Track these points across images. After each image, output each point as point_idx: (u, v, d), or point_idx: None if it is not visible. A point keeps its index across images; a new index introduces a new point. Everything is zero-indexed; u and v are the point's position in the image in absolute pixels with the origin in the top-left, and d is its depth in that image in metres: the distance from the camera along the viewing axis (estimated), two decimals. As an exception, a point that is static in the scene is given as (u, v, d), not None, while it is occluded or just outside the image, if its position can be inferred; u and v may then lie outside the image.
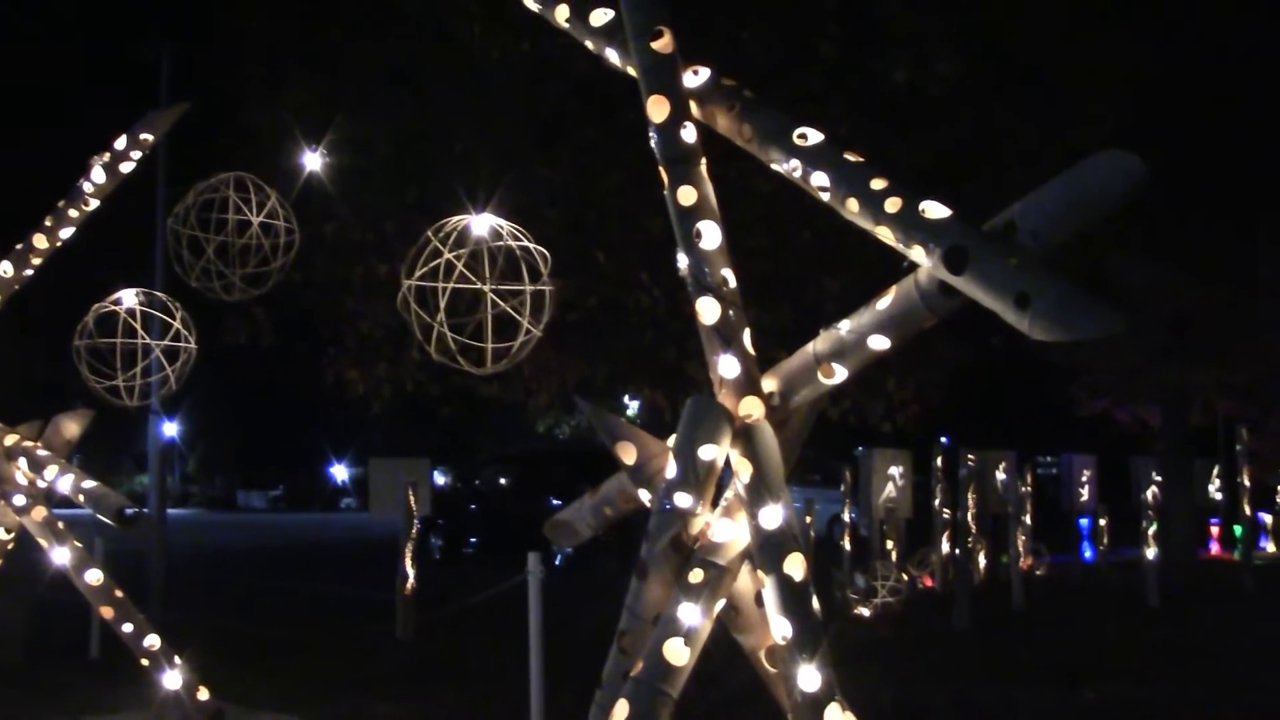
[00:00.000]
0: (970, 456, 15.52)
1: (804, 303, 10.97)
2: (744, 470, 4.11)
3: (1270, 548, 23.09)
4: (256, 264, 6.95)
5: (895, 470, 18.59)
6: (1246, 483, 20.88)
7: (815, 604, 4.01)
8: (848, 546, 16.46)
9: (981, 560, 17.52)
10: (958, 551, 14.41)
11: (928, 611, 13.78)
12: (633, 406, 26.60)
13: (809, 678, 3.93)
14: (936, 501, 17.15)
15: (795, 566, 4.00)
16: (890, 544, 16.58)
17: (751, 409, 4.16)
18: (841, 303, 3.71)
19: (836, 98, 10.76)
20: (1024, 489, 18.95)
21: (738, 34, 10.54)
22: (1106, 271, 18.98)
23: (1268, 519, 23.65)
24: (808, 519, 17.46)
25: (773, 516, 4.02)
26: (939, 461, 17.57)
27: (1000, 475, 18.86)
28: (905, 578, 15.27)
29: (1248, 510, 20.51)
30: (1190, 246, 18.46)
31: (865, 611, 13.46)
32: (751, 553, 4.12)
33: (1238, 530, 20.30)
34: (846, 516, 17.32)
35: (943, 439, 20.27)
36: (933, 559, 16.93)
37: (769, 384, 4.25)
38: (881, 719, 7.91)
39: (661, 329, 11.21)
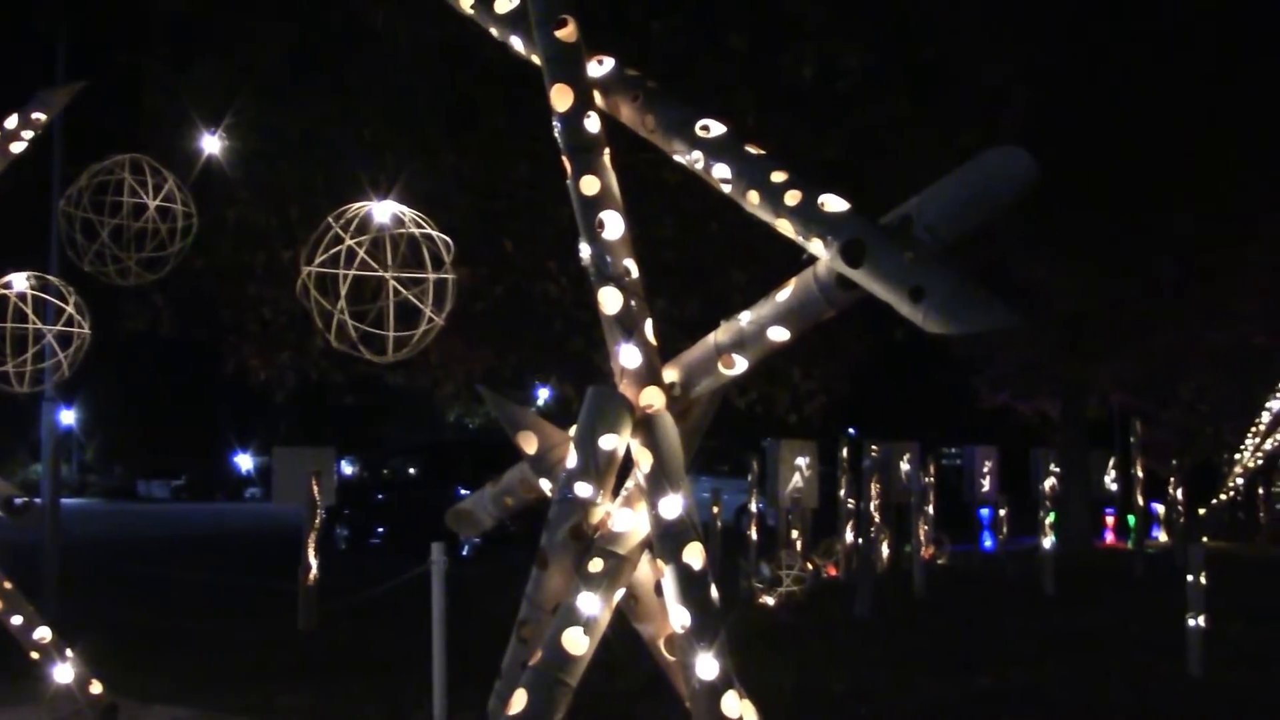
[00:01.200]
0: (874, 447, 15.74)
1: (711, 294, 11.04)
2: (644, 460, 4.12)
3: (1162, 537, 23.75)
4: (153, 248, 6.80)
5: (802, 461, 18.78)
6: (1140, 473, 21.49)
7: (714, 593, 4.04)
8: (754, 536, 16.59)
9: (884, 550, 17.79)
10: (861, 541, 14.61)
11: (831, 600, 13.96)
12: (544, 396, 26.57)
13: (707, 666, 3.95)
14: (841, 492, 17.36)
15: (694, 556, 4.02)
16: (795, 533, 16.74)
17: (652, 399, 4.17)
18: (749, 294, 3.76)
19: (745, 90, 10.83)
20: (927, 480, 19.25)
21: (647, 24, 10.55)
22: (1008, 267, 19.41)
23: (1160, 509, 24.32)
24: (715, 509, 17.60)
25: (672, 506, 4.04)
26: (844, 452, 17.79)
27: (904, 466, 19.18)
28: (810, 567, 15.45)
29: (1141, 500, 21.11)
30: (1089, 245, 18.93)
31: (770, 600, 13.59)
32: (651, 542, 4.14)
33: (1131, 520, 20.85)
34: (753, 506, 17.45)
35: (849, 430, 20.56)
36: (837, 548, 17.14)
37: (670, 374, 4.26)
38: (783, 706, 7.99)
39: (570, 319, 11.20)
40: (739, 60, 10.92)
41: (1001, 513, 19.78)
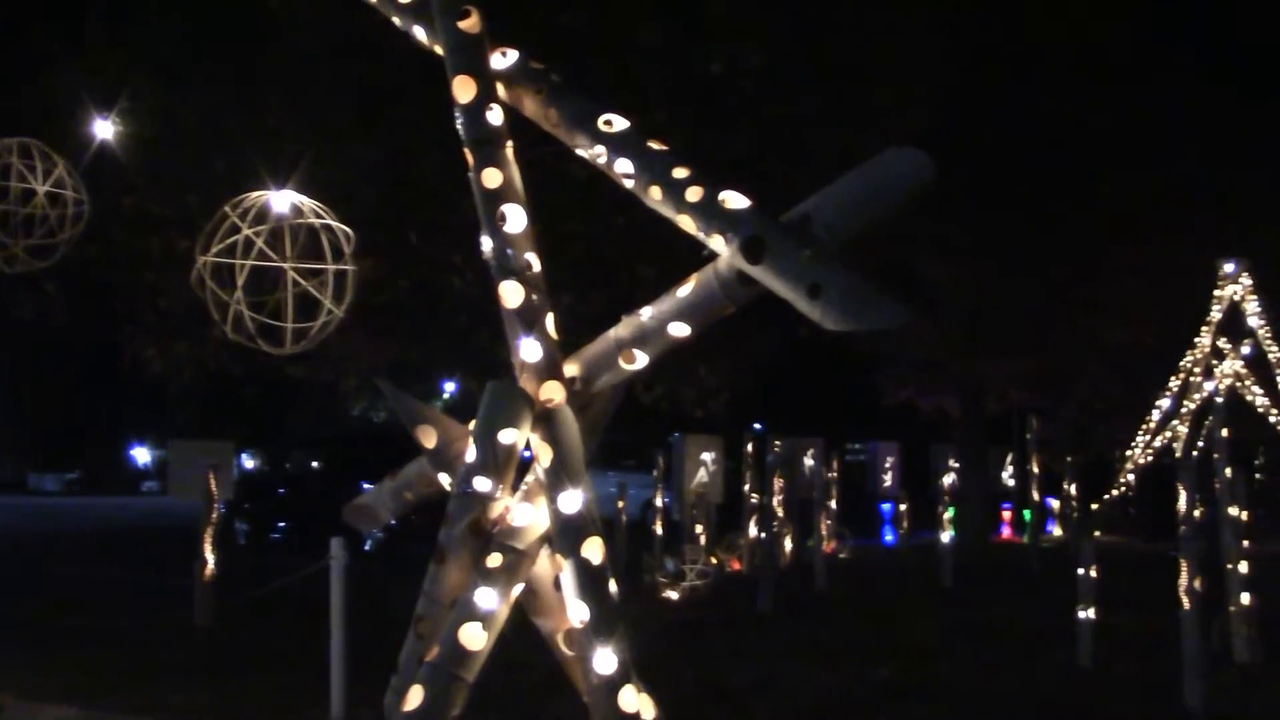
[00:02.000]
0: (777, 443, 15.88)
1: (618, 289, 11.04)
2: (544, 455, 4.11)
3: (1057, 531, 24.31)
4: (42, 235, 6.60)
5: (707, 456, 18.90)
6: (1036, 469, 22.00)
7: (613, 588, 4.05)
8: (659, 531, 16.66)
9: (788, 544, 17.97)
10: (764, 536, 14.74)
11: (734, 594, 14.06)
12: (450, 390, 26.37)
13: (605, 660, 3.96)
14: (746, 486, 17.51)
15: (593, 550, 4.03)
16: (700, 528, 16.85)
17: (553, 393, 4.16)
18: (656, 290, 3.77)
19: (654, 86, 10.86)
20: (830, 475, 19.52)
21: (554, 17, 10.52)
22: (911, 267, 19.74)
23: (1055, 504, 24.90)
24: (620, 504, 17.65)
25: (572, 501, 4.04)
26: (749, 448, 17.94)
27: (808, 461, 19.43)
28: (713, 561, 15.56)
29: (1036, 496, 21.61)
30: (988, 245, 19.33)
31: (674, 594, 13.66)
32: (550, 537, 4.14)
33: (1027, 515, 21.32)
34: (659, 501, 17.52)
35: (755, 426, 20.72)
36: (740, 543, 17.28)
37: (571, 369, 4.26)
38: (684, 699, 8.04)
39: (476, 312, 11.12)
40: (648, 56, 10.94)
41: (902, 508, 20.12)
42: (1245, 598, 10.25)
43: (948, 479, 20.61)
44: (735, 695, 8.57)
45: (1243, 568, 10.31)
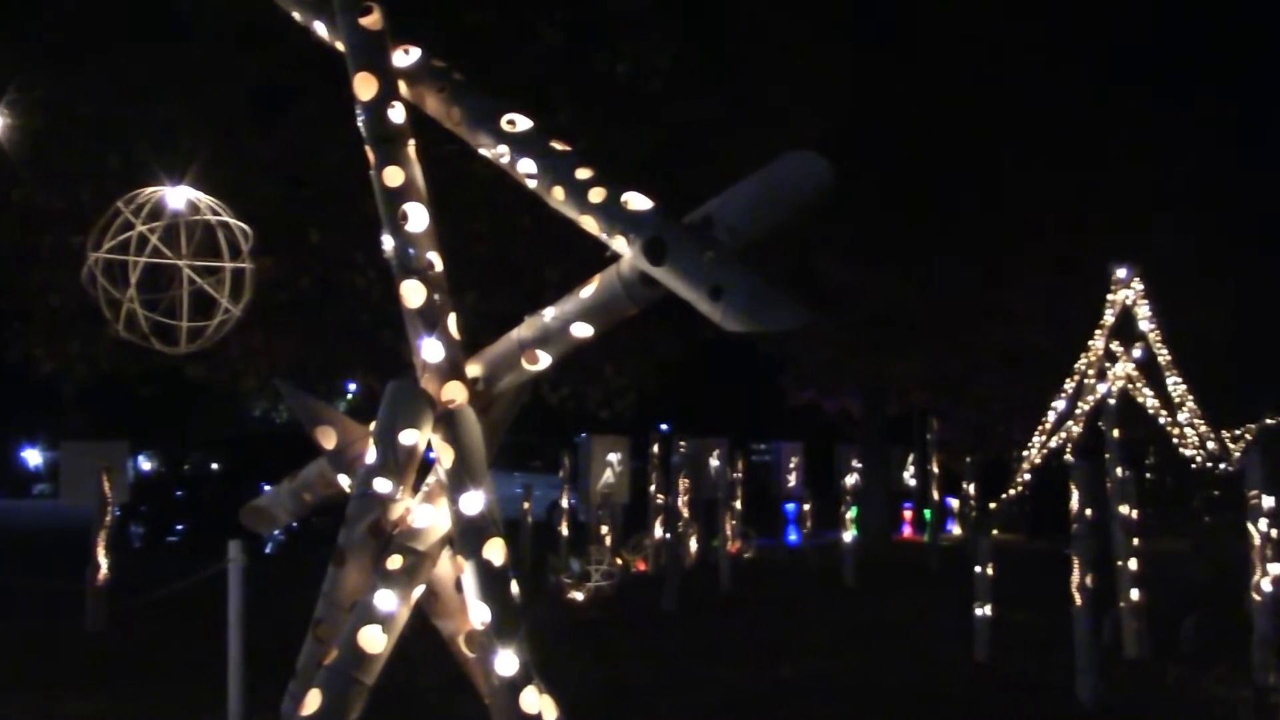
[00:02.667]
0: (682, 443, 15.96)
1: (524, 289, 11.00)
2: (446, 456, 4.09)
3: (956, 530, 24.75)
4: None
5: (614, 457, 18.92)
6: (936, 469, 22.40)
7: (515, 589, 4.03)
8: (565, 531, 16.63)
9: (693, 544, 18.06)
10: (669, 536, 14.79)
11: (639, 594, 14.09)
12: (354, 390, 26.02)
13: (507, 662, 3.95)
14: (652, 487, 17.56)
15: (495, 552, 4.01)
16: (605, 529, 16.87)
17: (454, 394, 4.14)
18: (561, 290, 3.75)
19: (559, 86, 10.84)
20: (735, 475, 19.65)
21: (459, 15, 10.44)
22: (813, 268, 19.96)
23: (955, 503, 25.35)
24: (526, 505, 17.59)
25: (474, 502, 4.02)
26: (656, 448, 17.99)
27: (714, 462, 19.53)
28: (619, 562, 15.59)
29: (936, 495, 22.01)
30: (890, 248, 19.62)
31: (579, 595, 13.66)
32: (452, 538, 4.11)
33: (928, 514, 21.69)
34: (565, 502, 17.49)
35: (661, 426, 20.79)
36: (646, 543, 17.33)
37: (473, 369, 4.24)
38: (588, 699, 8.03)
39: (379, 312, 10.99)
40: (553, 55, 10.92)
41: (806, 507, 20.32)
42: (1135, 594, 10.55)
43: (850, 479, 20.89)
44: (638, 694, 8.60)
45: (1133, 565, 10.61)
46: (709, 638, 11.30)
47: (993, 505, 25.53)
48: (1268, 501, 10.40)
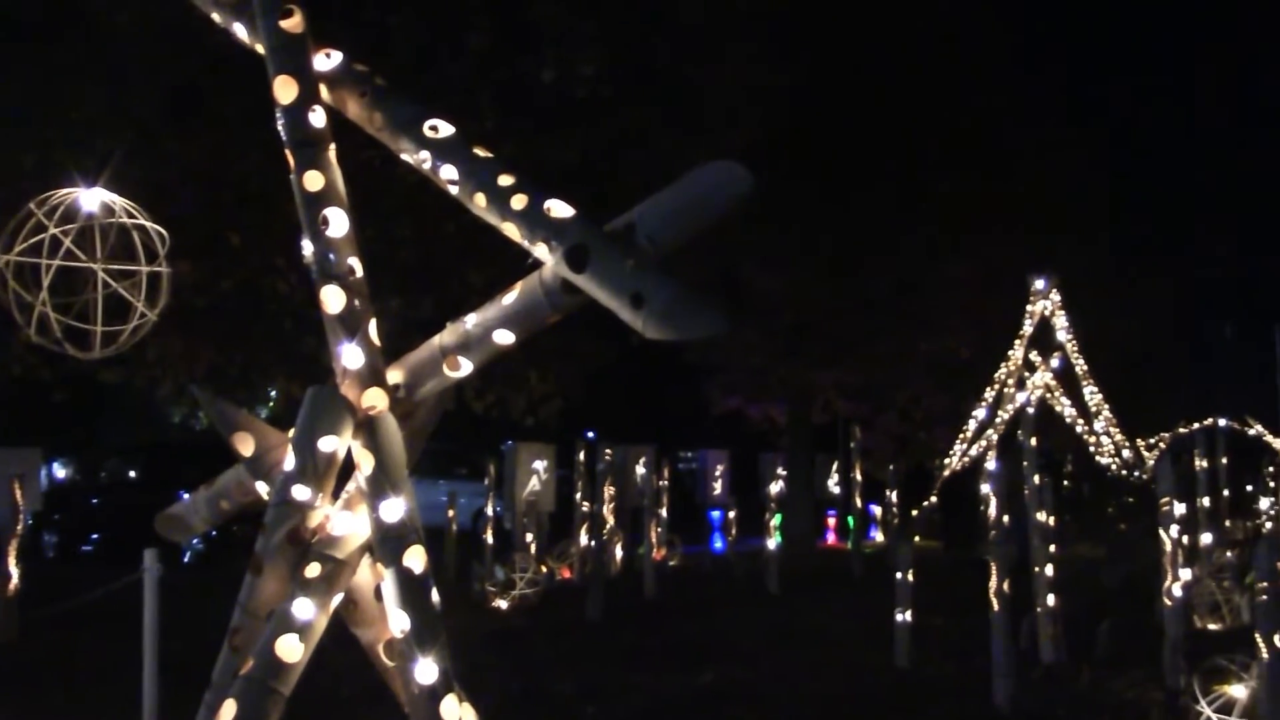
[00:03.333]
0: (608, 451, 15.96)
1: (448, 296, 10.93)
2: (365, 463, 4.05)
3: (879, 537, 25.01)
4: None
5: (539, 464, 18.89)
6: (859, 477, 22.63)
7: (435, 597, 4.00)
8: (490, 539, 16.55)
9: (618, 552, 18.08)
10: (594, 544, 14.80)
11: (564, 602, 14.07)
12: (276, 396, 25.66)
13: (427, 670, 3.92)
14: (578, 495, 17.54)
15: (415, 559, 3.98)
16: (530, 537, 16.82)
17: (375, 401, 4.10)
18: (486, 297, 3.73)
19: (484, 92, 10.80)
20: (661, 483, 19.70)
21: (383, 20, 10.37)
22: (739, 276, 20.11)
23: (878, 510, 25.61)
24: (450, 512, 17.48)
25: (394, 509, 3.99)
26: (582, 456, 17.97)
27: (639, 469, 19.56)
28: (544, 569, 15.55)
29: (859, 503, 22.23)
30: (814, 258, 19.83)
31: (503, 603, 13.60)
32: (371, 546, 4.07)
33: (851, 521, 21.89)
34: (490, 509, 17.40)
35: (588, 434, 20.77)
36: (572, 551, 17.30)
37: (394, 376, 4.21)
38: (510, 708, 8.02)
39: (301, 317, 10.86)
40: (479, 61, 10.88)
41: (731, 514, 20.42)
42: (1051, 599, 10.74)
43: (775, 486, 21.05)
44: (560, 703, 8.59)
45: (1049, 571, 10.80)
46: (632, 645, 11.31)
47: (914, 512, 25.84)
48: (1179, 508, 10.66)
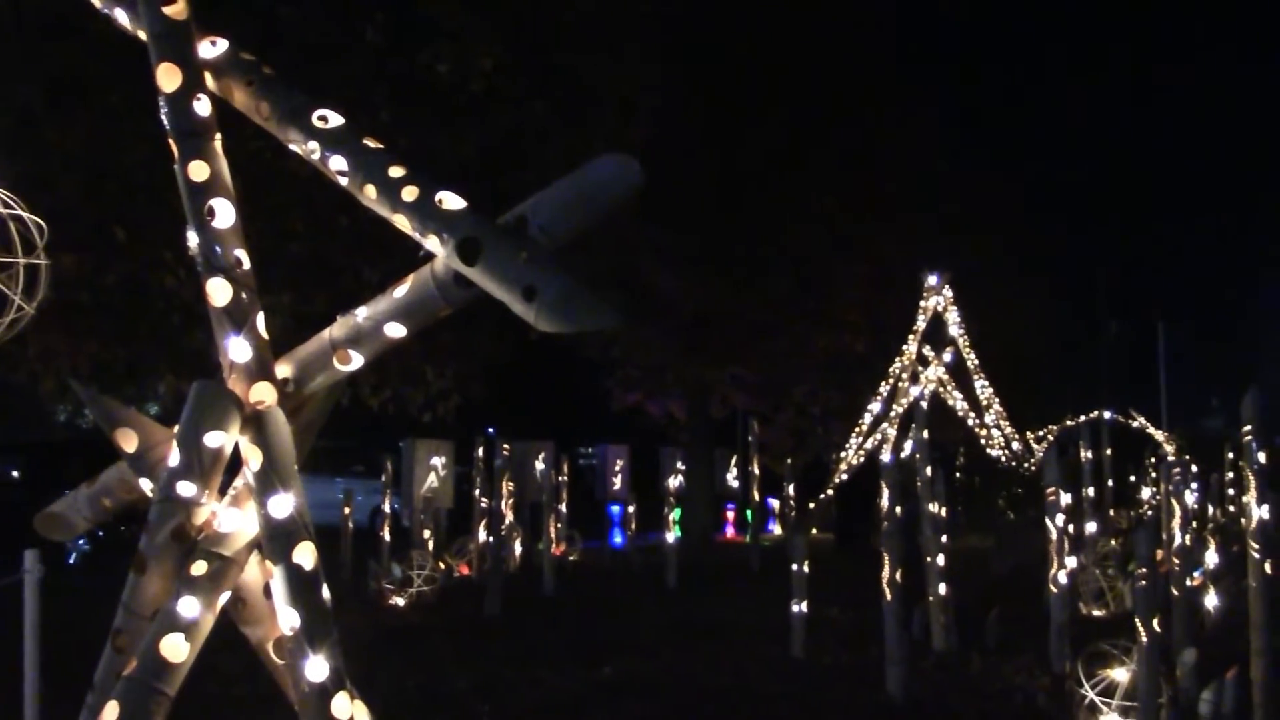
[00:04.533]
0: (505, 447, 15.91)
1: (341, 290, 10.77)
2: (253, 458, 3.98)
3: (777, 530, 25.29)
4: None
5: (437, 460, 18.79)
6: (757, 471, 22.86)
7: (325, 594, 3.96)
8: (387, 537, 16.38)
9: (517, 548, 18.03)
10: (492, 540, 14.73)
11: (462, 599, 13.99)
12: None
13: (317, 668, 3.87)
14: (477, 491, 17.45)
15: (305, 556, 3.93)
16: (428, 533, 16.69)
17: (263, 395, 4.04)
18: (380, 291, 3.69)
19: (380, 85, 10.67)
20: (560, 478, 19.70)
21: (275, 9, 10.18)
22: (638, 273, 20.17)
23: (776, 504, 25.90)
24: (346, 510, 17.28)
25: (282, 505, 3.93)
26: (480, 452, 17.89)
27: (539, 465, 19.55)
28: (442, 566, 15.44)
29: (758, 496, 22.46)
30: (711, 254, 19.98)
31: (400, 601, 13.48)
32: (260, 543, 4.01)
33: (749, 515, 22.10)
34: (387, 507, 17.22)
35: (488, 430, 20.67)
36: (470, 547, 17.21)
37: (283, 370, 4.14)
38: (404, 705, 7.95)
39: (190, 312, 10.61)
40: (374, 54, 10.74)
41: (630, 509, 20.48)
42: (943, 589, 10.97)
43: (674, 481, 21.16)
44: (456, 700, 8.53)
45: (940, 561, 11.03)
46: (530, 641, 11.29)
47: (811, 505, 26.18)
48: (1064, 498, 10.97)
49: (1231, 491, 21.82)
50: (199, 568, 3.94)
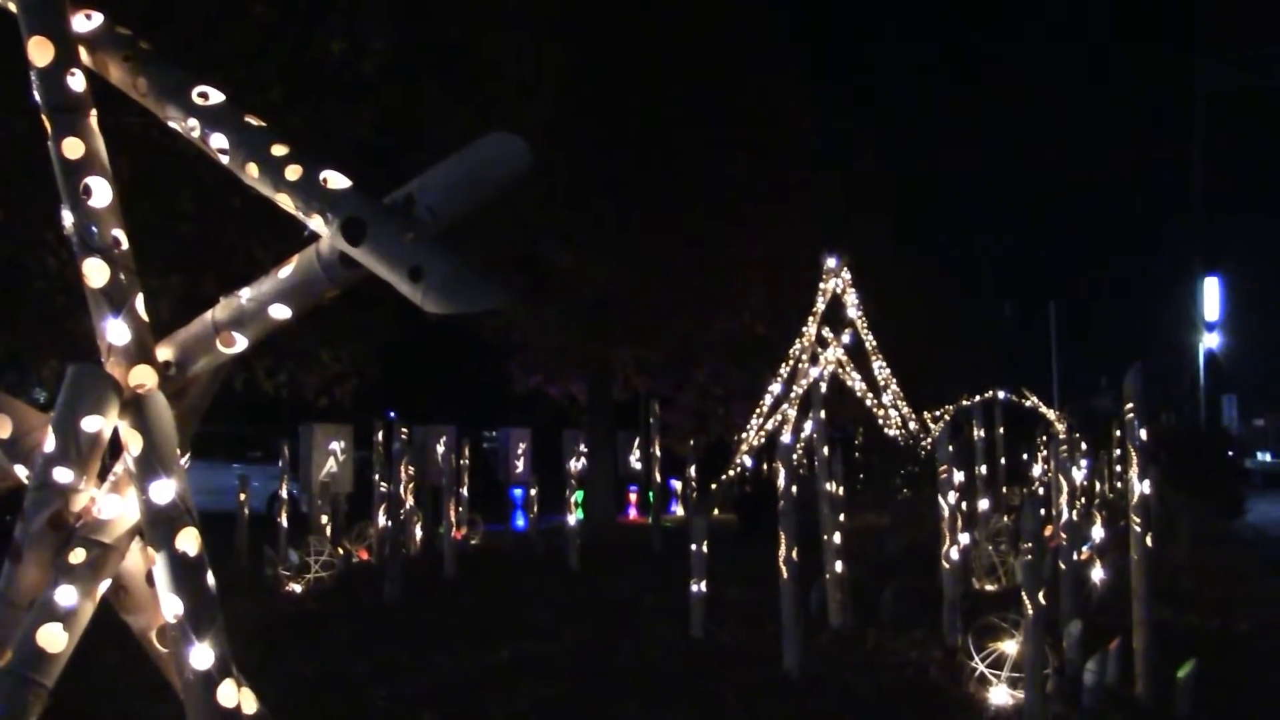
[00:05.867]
0: (404, 430, 15.77)
1: (232, 272, 10.53)
2: (134, 443, 3.89)
3: (679, 511, 25.45)
4: None
5: (336, 445, 18.54)
6: (659, 453, 22.98)
7: (210, 580, 3.89)
8: (285, 523, 16.14)
9: (418, 532, 17.91)
10: (391, 524, 14.60)
11: (361, 585, 13.86)
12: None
13: (201, 656, 3.81)
14: (377, 476, 17.28)
15: (188, 542, 3.85)
16: (326, 519, 16.49)
17: (143, 378, 3.94)
18: (273, 273, 3.64)
19: (269, 62, 10.44)
20: (461, 462, 19.60)
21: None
22: (539, 255, 20.12)
23: (678, 485, 26.06)
24: (242, 496, 17.01)
25: (164, 491, 3.84)
26: (380, 436, 17.72)
27: (440, 448, 19.42)
28: (340, 552, 15.28)
29: (659, 478, 22.57)
30: (611, 237, 20.00)
31: (297, 587, 13.30)
32: (141, 529, 3.93)
33: (651, 496, 22.20)
34: (284, 492, 16.97)
35: (389, 414, 20.48)
36: (369, 532, 17.04)
37: (164, 352, 4.06)
38: (300, 692, 7.85)
39: (73, 294, 10.29)
40: (264, 31, 10.51)
41: (533, 492, 20.45)
42: (839, 566, 11.14)
43: (576, 463, 21.17)
44: (352, 685, 8.46)
45: (837, 539, 11.19)
46: (430, 625, 11.23)
47: (713, 486, 26.39)
48: (958, 476, 11.20)
49: (1119, 468, 22.48)
50: (77, 555, 3.84)
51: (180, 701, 4.05)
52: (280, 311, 3.91)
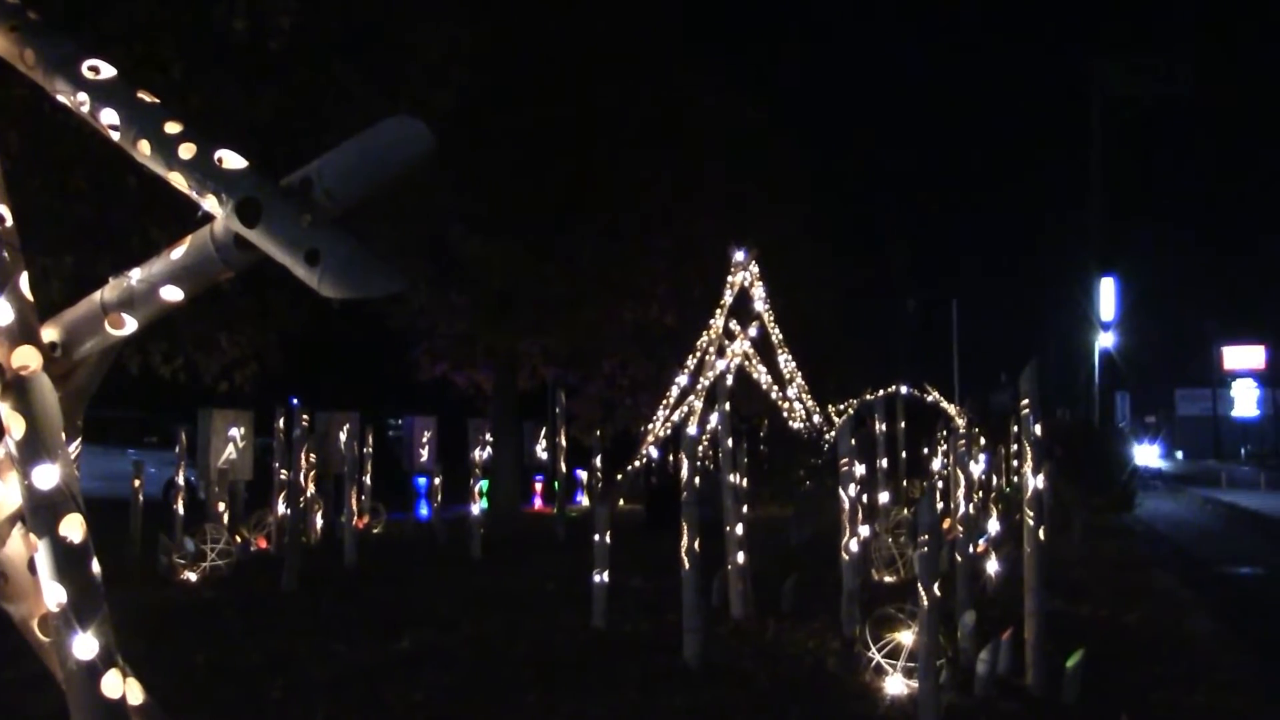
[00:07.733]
0: (305, 417, 15.54)
1: (128, 253, 10.26)
2: (16, 426, 3.77)
3: (585, 501, 25.46)
4: None
5: (236, 431, 18.22)
6: (564, 442, 22.95)
7: (95, 567, 3.78)
8: (181, 510, 15.81)
9: (318, 520, 17.68)
10: (290, 512, 14.39)
11: (259, 573, 13.64)
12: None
13: (85, 645, 3.71)
14: (277, 463, 17.01)
15: (73, 528, 3.75)
16: (223, 506, 16.20)
17: (26, 359, 3.82)
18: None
19: (167, 36, 10.18)
20: (365, 450, 19.39)
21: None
22: (446, 241, 19.95)
23: (584, 475, 26.07)
24: (136, 483, 16.62)
25: (48, 476, 3.73)
26: (281, 422, 17.44)
27: (343, 436, 19.18)
28: (238, 540, 15.02)
29: (565, 468, 22.55)
30: (518, 226, 19.92)
31: (192, 576, 13.04)
32: (23, 515, 3.81)
33: (557, 486, 22.18)
34: (181, 479, 16.62)
35: (292, 400, 20.17)
36: (268, 520, 16.78)
37: (50, 333, 3.93)
38: (191, 682, 7.70)
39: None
40: (163, 6, 10.24)
41: (437, 481, 20.31)
42: (741, 557, 11.21)
43: (481, 452, 21.06)
44: (246, 675, 8.31)
45: (739, 530, 11.27)
46: (328, 614, 11.09)
47: (619, 477, 26.43)
48: (859, 469, 11.34)
49: (1016, 463, 22.96)
50: (-45, 542, 3.72)
51: (62, 693, 3.95)
52: (172, 293, 3.81)
